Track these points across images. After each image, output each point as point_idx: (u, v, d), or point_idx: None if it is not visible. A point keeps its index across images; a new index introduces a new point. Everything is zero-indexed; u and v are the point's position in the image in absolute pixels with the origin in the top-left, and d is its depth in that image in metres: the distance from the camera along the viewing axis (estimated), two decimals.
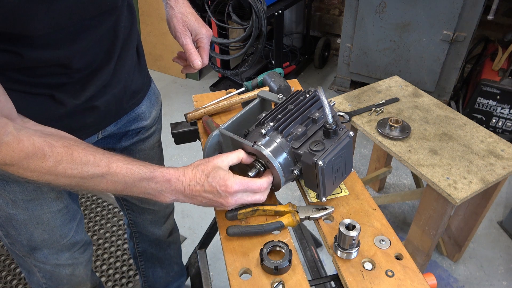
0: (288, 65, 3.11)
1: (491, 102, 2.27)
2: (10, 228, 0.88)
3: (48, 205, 0.88)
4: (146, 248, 1.40)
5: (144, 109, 1.03)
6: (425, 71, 2.50)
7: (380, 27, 2.48)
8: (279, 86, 1.08)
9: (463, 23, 2.25)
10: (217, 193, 0.72)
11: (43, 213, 0.88)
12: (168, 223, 1.35)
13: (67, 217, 0.94)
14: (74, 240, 0.98)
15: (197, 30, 0.95)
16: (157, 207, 1.25)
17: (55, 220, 0.91)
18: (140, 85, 0.98)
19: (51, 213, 0.89)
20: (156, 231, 1.32)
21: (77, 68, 0.75)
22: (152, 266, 1.46)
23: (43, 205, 0.87)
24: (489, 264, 1.83)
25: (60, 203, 0.91)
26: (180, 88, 3.20)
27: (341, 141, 0.74)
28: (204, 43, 0.96)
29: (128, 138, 1.05)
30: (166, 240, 1.38)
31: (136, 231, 1.35)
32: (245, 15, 2.37)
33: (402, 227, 2.01)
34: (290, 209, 0.80)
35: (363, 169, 2.35)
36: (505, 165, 1.34)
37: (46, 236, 0.92)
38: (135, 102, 0.98)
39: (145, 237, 1.35)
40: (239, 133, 0.83)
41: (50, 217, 0.90)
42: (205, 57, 0.96)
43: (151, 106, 1.06)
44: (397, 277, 0.70)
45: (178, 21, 0.94)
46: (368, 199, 0.84)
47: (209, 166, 0.73)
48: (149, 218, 1.28)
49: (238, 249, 0.76)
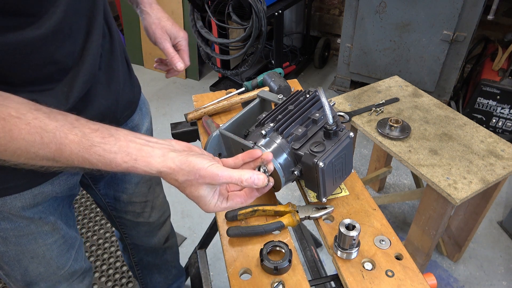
0: (288, 65, 3.11)
1: (491, 102, 2.27)
2: (3, 264, 0.85)
3: (43, 238, 0.84)
4: (142, 257, 1.37)
5: (137, 121, 1.01)
6: (425, 71, 2.50)
7: (380, 27, 2.48)
8: (279, 86, 1.08)
9: (463, 23, 2.25)
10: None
11: (38, 246, 0.84)
12: (163, 230, 1.32)
13: (65, 247, 0.91)
14: (72, 270, 0.95)
15: (175, 33, 0.98)
16: (152, 219, 1.23)
17: (51, 252, 0.88)
18: (132, 95, 0.97)
19: (46, 245, 0.86)
20: (151, 240, 1.30)
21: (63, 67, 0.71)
22: (150, 273, 1.43)
23: (38, 239, 0.84)
24: (489, 264, 1.83)
25: (56, 234, 0.87)
26: (180, 88, 3.20)
27: (342, 142, 0.74)
28: (184, 45, 1.00)
29: None
30: (162, 246, 1.36)
31: (130, 243, 1.31)
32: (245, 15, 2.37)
33: (402, 227, 2.01)
34: (290, 209, 0.80)
35: (363, 169, 2.35)
36: (505, 165, 1.34)
37: (42, 269, 0.88)
38: (128, 114, 0.97)
39: (140, 247, 1.32)
40: (239, 133, 0.83)
41: (46, 250, 0.86)
42: (186, 58, 0.99)
43: (143, 117, 1.04)
44: (397, 277, 0.70)
45: (156, 27, 0.97)
46: (368, 199, 0.84)
47: (193, 191, 0.62)
48: (143, 230, 1.25)
49: (238, 249, 0.76)
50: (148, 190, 1.15)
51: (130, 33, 3.36)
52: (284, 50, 3.15)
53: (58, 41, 0.67)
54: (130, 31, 3.35)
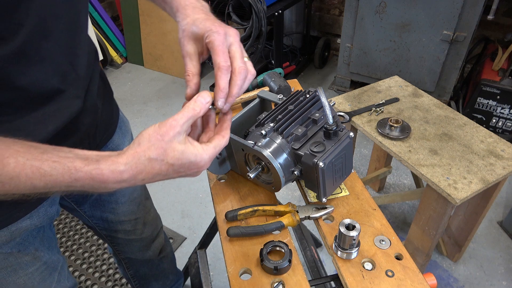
0: (288, 65, 3.11)
1: (491, 102, 2.27)
2: None
3: (23, 268, 0.81)
4: (138, 269, 1.35)
5: (117, 142, 0.95)
6: (425, 71, 2.50)
7: (380, 27, 2.48)
8: (279, 86, 1.08)
9: (463, 23, 2.25)
10: (187, 174, 0.60)
11: (18, 277, 0.81)
12: (157, 243, 1.29)
13: (47, 272, 0.87)
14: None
15: (212, 36, 0.64)
16: (144, 234, 1.20)
17: (33, 281, 0.84)
18: (110, 115, 0.91)
19: (27, 275, 0.82)
20: (145, 254, 1.27)
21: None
22: (147, 283, 1.42)
23: (18, 271, 0.80)
24: (489, 264, 1.83)
25: (37, 262, 0.83)
26: (180, 88, 3.20)
27: (342, 142, 0.74)
28: (234, 52, 0.65)
29: None
30: (157, 257, 1.34)
31: (124, 258, 1.29)
32: (245, 15, 2.37)
33: (402, 227, 2.01)
34: (290, 209, 0.80)
35: (363, 169, 2.35)
36: (505, 165, 1.34)
37: None
38: (108, 135, 0.91)
39: (135, 260, 1.30)
40: (239, 133, 0.83)
41: (27, 279, 0.82)
42: (235, 87, 0.64)
43: (123, 136, 0.98)
44: (397, 277, 0.70)
45: (184, 36, 0.69)
46: (368, 199, 0.84)
47: (166, 148, 0.55)
48: (137, 245, 1.23)
49: (238, 249, 0.76)
50: (137, 208, 1.11)
51: (130, 33, 3.36)
52: (284, 50, 3.15)
53: (20, 65, 0.59)
54: (130, 31, 3.35)
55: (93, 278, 1.81)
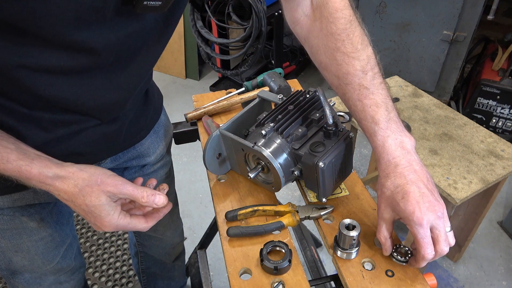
0: (288, 65, 3.11)
1: (491, 102, 2.27)
2: None
3: (28, 234, 0.82)
4: (149, 266, 1.37)
5: (147, 146, 0.92)
6: (425, 71, 2.50)
7: (380, 27, 2.48)
8: (279, 86, 1.08)
9: (463, 23, 2.25)
10: (92, 222, 0.65)
11: (22, 242, 0.82)
12: (176, 249, 1.32)
13: (52, 244, 0.88)
14: (59, 267, 0.92)
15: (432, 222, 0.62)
16: (165, 237, 1.21)
17: (37, 249, 0.85)
18: (142, 124, 0.88)
19: (31, 241, 0.83)
20: (162, 255, 1.29)
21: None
22: (154, 281, 1.44)
23: (22, 235, 0.81)
24: (489, 264, 1.83)
25: (42, 232, 0.84)
26: (180, 88, 3.20)
27: (342, 142, 0.74)
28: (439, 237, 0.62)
29: (131, 172, 0.95)
30: (171, 263, 1.36)
31: (141, 251, 1.31)
32: (245, 15, 2.37)
33: (402, 227, 2.01)
34: (290, 209, 0.80)
35: (363, 169, 2.35)
36: (505, 165, 1.34)
37: (26, 262, 0.86)
38: (135, 140, 0.88)
39: (150, 257, 1.32)
40: (239, 133, 0.83)
41: (31, 246, 0.84)
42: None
43: (158, 141, 0.95)
44: (397, 277, 0.70)
45: (385, 201, 0.65)
46: (368, 199, 0.84)
47: (94, 191, 0.61)
48: (156, 244, 1.25)
49: (238, 249, 0.76)
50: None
51: None
52: (284, 50, 3.15)
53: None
54: None
55: (93, 278, 1.81)
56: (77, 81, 0.61)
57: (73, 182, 0.60)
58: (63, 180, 0.60)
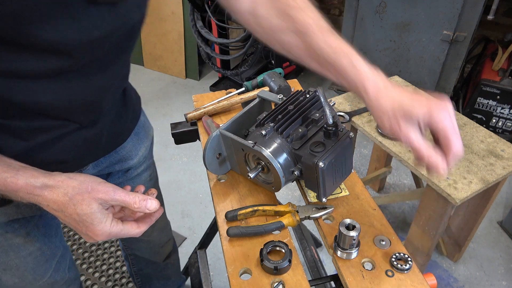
0: (288, 65, 3.11)
1: (491, 102, 2.27)
2: None
3: (15, 250, 0.79)
4: (142, 268, 1.36)
5: (129, 148, 0.91)
6: (425, 71, 2.50)
7: (380, 27, 2.48)
8: (279, 86, 1.08)
9: (463, 23, 2.25)
10: (83, 232, 0.63)
11: (9, 259, 0.79)
12: (165, 249, 1.30)
13: (42, 258, 0.85)
14: (53, 280, 0.89)
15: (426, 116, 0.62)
16: (152, 237, 1.20)
17: (26, 264, 0.82)
18: (123, 126, 0.86)
19: (19, 258, 0.80)
20: (151, 255, 1.28)
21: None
22: (149, 282, 1.43)
23: (8, 252, 0.79)
24: (489, 264, 1.83)
25: (30, 246, 0.81)
26: (180, 88, 3.20)
27: (342, 142, 0.74)
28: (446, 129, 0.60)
29: (115, 178, 0.95)
30: (163, 263, 1.35)
31: (130, 254, 1.30)
32: None
33: (402, 227, 2.01)
34: (290, 209, 0.80)
35: (363, 169, 2.35)
36: (505, 165, 1.34)
37: (16, 280, 0.83)
38: (117, 143, 0.87)
39: (141, 258, 1.31)
40: (239, 133, 0.83)
41: (19, 262, 0.81)
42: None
43: (139, 143, 0.94)
44: (397, 277, 0.70)
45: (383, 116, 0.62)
46: (368, 199, 0.84)
47: (84, 199, 0.59)
48: (144, 246, 1.24)
49: (238, 249, 0.76)
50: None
51: None
52: None
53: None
54: None
55: (93, 278, 1.81)
56: (51, 85, 0.58)
57: (63, 191, 0.58)
58: (52, 190, 0.57)
